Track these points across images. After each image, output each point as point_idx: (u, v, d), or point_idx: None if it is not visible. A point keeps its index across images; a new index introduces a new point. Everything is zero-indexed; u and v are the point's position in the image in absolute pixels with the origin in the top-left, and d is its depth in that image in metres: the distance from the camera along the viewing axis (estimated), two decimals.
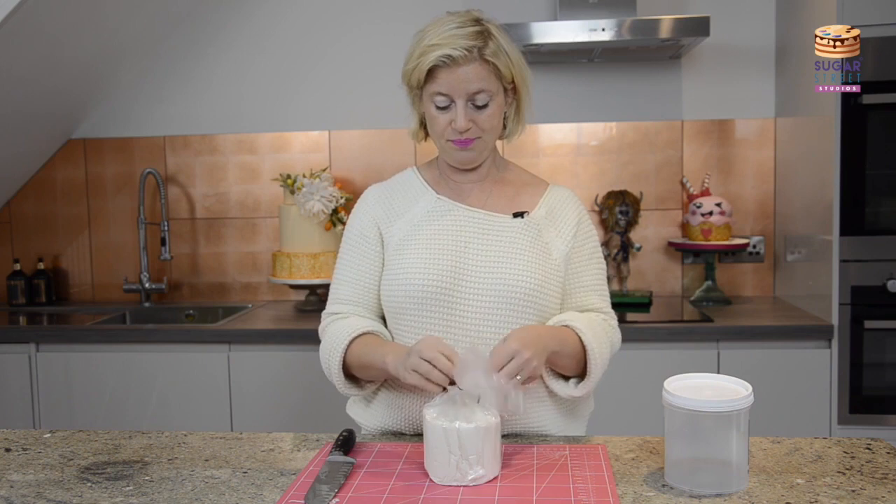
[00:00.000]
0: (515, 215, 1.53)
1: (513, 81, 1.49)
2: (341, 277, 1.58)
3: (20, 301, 3.28)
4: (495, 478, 1.24)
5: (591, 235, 1.59)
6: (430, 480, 1.23)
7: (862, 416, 2.56)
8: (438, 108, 1.46)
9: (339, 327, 1.51)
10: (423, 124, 1.56)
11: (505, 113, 1.53)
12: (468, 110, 1.45)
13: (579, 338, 1.44)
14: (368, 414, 1.56)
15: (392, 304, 1.51)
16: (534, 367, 1.32)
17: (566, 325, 1.46)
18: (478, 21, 1.46)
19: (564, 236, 1.54)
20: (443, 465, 1.22)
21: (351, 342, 1.47)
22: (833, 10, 2.47)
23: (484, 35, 1.44)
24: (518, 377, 1.29)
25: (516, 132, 1.57)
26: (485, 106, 1.45)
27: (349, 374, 1.50)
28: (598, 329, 1.49)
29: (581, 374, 1.48)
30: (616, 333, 1.57)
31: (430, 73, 1.43)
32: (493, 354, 1.31)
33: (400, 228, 1.54)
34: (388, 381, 1.53)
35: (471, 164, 1.54)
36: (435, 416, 1.24)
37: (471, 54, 1.41)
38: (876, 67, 2.47)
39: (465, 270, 1.47)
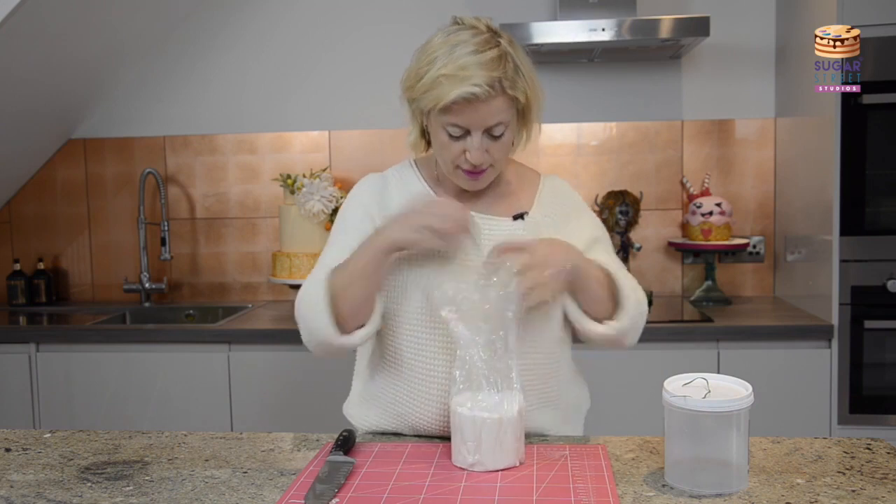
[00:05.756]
0: (515, 217, 1.50)
1: (527, 99, 1.42)
2: (331, 252, 1.48)
3: (20, 301, 3.28)
4: (495, 477, 1.24)
5: (590, 223, 1.57)
6: (430, 480, 1.24)
7: (862, 416, 2.56)
8: (451, 136, 1.39)
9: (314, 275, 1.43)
10: (423, 135, 1.50)
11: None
12: (483, 140, 1.38)
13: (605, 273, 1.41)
14: (362, 416, 1.54)
15: (393, 311, 1.46)
16: (549, 276, 1.32)
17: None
18: (492, 34, 1.36)
19: (570, 238, 1.52)
20: (457, 449, 1.29)
21: (332, 272, 1.39)
22: (833, 10, 2.47)
23: (503, 59, 1.34)
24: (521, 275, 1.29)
25: (521, 145, 1.51)
26: (500, 136, 1.40)
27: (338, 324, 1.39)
28: (622, 271, 1.46)
29: (609, 317, 1.44)
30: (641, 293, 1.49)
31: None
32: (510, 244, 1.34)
33: None
34: (383, 384, 1.51)
35: (477, 188, 1.49)
36: (459, 403, 1.29)
37: (493, 90, 1.33)
38: (876, 67, 2.47)
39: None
